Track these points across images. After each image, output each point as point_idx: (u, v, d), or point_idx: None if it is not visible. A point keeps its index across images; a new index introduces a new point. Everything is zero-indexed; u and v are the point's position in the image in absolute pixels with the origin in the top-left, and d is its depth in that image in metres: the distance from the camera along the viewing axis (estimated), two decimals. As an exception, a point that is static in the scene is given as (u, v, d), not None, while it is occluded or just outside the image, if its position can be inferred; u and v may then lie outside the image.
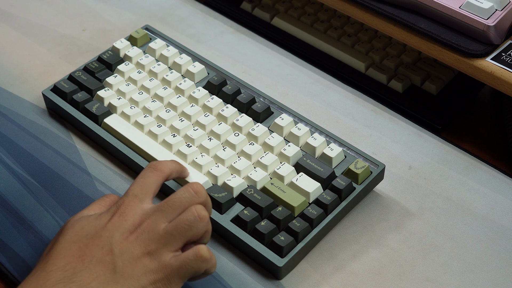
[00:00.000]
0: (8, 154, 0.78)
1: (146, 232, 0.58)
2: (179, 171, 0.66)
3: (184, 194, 0.60)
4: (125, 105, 0.79)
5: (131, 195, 0.61)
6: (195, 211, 0.59)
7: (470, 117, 0.84)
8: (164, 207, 0.60)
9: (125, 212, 0.59)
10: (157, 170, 0.63)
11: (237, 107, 0.79)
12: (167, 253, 0.58)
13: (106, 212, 0.60)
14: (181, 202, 0.60)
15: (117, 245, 0.58)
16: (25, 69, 0.88)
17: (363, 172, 0.71)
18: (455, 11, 0.74)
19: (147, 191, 0.61)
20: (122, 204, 0.60)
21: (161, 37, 0.88)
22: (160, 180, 0.63)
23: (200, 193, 0.61)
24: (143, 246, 0.58)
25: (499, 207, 0.72)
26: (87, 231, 0.59)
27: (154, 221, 0.59)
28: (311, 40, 0.91)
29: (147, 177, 0.62)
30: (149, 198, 0.61)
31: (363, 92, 0.85)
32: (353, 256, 0.68)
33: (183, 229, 0.59)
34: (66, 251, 0.58)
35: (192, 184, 0.61)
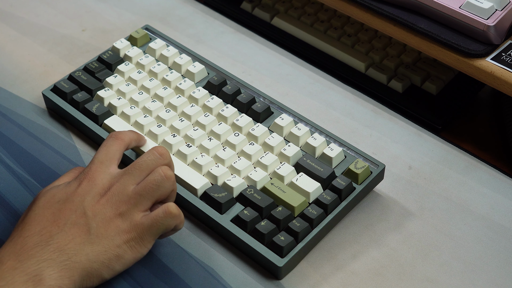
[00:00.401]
0: (8, 154, 0.78)
1: (116, 194, 0.62)
2: (137, 139, 0.70)
3: (149, 157, 0.64)
4: (125, 105, 0.79)
5: (97, 162, 0.64)
6: (161, 172, 0.63)
7: (470, 117, 0.84)
8: (132, 170, 0.63)
9: (93, 177, 0.63)
10: (118, 139, 0.67)
11: (237, 107, 0.79)
12: (138, 213, 0.62)
13: (75, 180, 0.64)
14: (147, 164, 0.64)
15: (90, 208, 0.61)
16: (25, 69, 0.88)
17: (363, 172, 0.71)
18: (455, 11, 0.74)
19: (112, 157, 0.65)
20: (89, 170, 0.64)
21: (161, 37, 0.88)
22: (122, 148, 0.67)
23: (165, 155, 0.65)
24: (115, 207, 0.61)
25: (499, 207, 0.72)
26: (59, 197, 0.62)
27: (123, 183, 0.63)
28: (311, 40, 0.91)
29: (109, 145, 0.66)
30: (114, 164, 0.65)
31: (363, 92, 0.85)
32: (353, 256, 0.68)
33: (151, 189, 0.62)
34: (40, 217, 0.61)
35: (157, 148, 0.65)
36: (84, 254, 0.59)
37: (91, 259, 0.59)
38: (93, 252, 0.60)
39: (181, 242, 0.69)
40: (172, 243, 0.69)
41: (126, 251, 0.61)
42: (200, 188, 0.70)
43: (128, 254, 0.61)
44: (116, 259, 0.61)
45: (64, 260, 0.58)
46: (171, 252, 0.68)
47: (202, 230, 0.70)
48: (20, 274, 0.57)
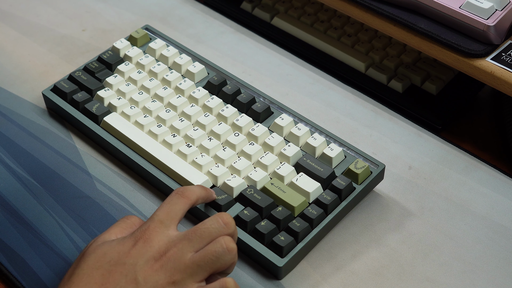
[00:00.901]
0: (8, 154, 0.78)
1: (172, 261, 0.57)
2: (205, 197, 0.65)
3: (213, 225, 0.59)
4: (125, 105, 0.79)
5: (156, 221, 0.59)
6: (223, 243, 0.58)
7: (470, 117, 0.84)
8: (192, 236, 0.58)
9: (150, 238, 0.58)
10: (184, 197, 0.62)
11: (237, 107, 0.79)
12: (192, 283, 0.57)
13: (130, 237, 0.59)
14: (210, 232, 0.59)
15: (141, 273, 0.57)
16: (25, 69, 0.88)
17: (363, 172, 0.71)
18: (455, 11, 0.74)
19: (173, 217, 0.60)
20: (147, 229, 0.59)
21: (161, 37, 0.88)
22: (186, 207, 0.62)
23: (229, 225, 0.60)
24: (168, 275, 0.57)
25: (499, 207, 0.72)
26: (110, 257, 0.58)
27: (181, 249, 0.58)
28: (311, 40, 0.91)
29: (173, 203, 0.61)
30: (175, 224, 0.60)
31: (363, 92, 0.85)
32: (353, 256, 0.68)
33: (210, 261, 0.58)
34: (89, 278, 0.57)
35: (222, 215, 0.60)
36: None
37: None
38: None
39: (181, 242, 0.69)
40: (172, 243, 0.69)
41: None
42: (200, 188, 0.70)
43: None
44: None
45: None
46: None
47: (202, 230, 0.70)
48: None
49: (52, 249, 0.69)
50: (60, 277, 0.66)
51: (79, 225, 0.71)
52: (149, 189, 0.74)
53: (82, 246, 0.69)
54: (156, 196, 0.74)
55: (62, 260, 0.68)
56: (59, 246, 0.69)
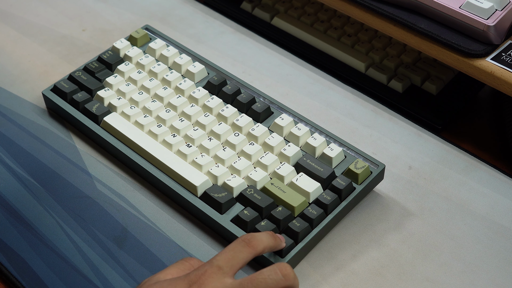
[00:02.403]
0: (8, 154, 0.78)
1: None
2: (273, 247, 0.62)
3: (271, 276, 0.56)
4: (125, 105, 0.79)
5: (215, 266, 0.56)
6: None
7: (470, 117, 0.84)
8: (248, 286, 0.55)
9: (204, 284, 0.55)
10: (250, 246, 0.58)
11: (237, 107, 0.79)
12: None
13: (184, 279, 0.56)
14: (267, 283, 0.56)
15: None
16: (25, 69, 0.88)
17: (363, 172, 0.71)
18: (455, 11, 0.74)
19: (234, 265, 0.57)
20: (203, 274, 0.56)
21: (161, 37, 0.88)
22: (250, 257, 0.58)
23: (288, 277, 0.56)
24: None
25: (499, 207, 0.72)
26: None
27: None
28: (311, 40, 0.91)
29: (237, 251, 0.58)
30: (233, 273, 0.57)
31: (363, 92, 0.85)
32: (353, 256, 0.68)
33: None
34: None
35: (281, 266, 0.57)
36: None
37: None
38: None
39: (181, 242, 0.69)
40: (172, 243, 0.69)
41: None
42: (200, 186, 0.70)
43: None
44: None
45: None
46: (171, 251, 0.68)
47: (202, 230, 0.70)
48: None
49: (52, 249, 0.69)
50: (60, 277, 0.66)
51: (79, 225, 0.71)
52: (149, 189, 0.74)
53: (82, 246, 0.69)
54: (156, 196, 0.74)
55: (62, 260, 0.68)
56: (59, 246, 0.69)
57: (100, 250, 0.68)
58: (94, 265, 0.67)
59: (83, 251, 0.68)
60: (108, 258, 0.68)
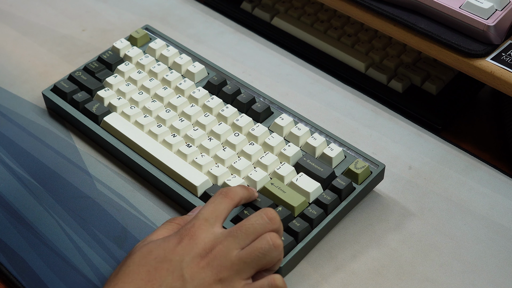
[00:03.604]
0: (8, 154, 0.78)
1: (218, 258, 0.57)
2: (247, 197, 0.66)
3: (258, 220, 0.59)
4: (125, 105, 0.79)
5: (201, 219, 0.60)
6: (269, 239, 0.58)
7: (470, 117, 0.84)
8: (237, 233, 0.59)
9: (195, 235, 0.58)
10: (228, 197, 0.62)
11: (237, 107, 0.79)
12: (239, 281, 0.57)
13: (175, 235, 0.59)
14: (255, 228, 0.59)
15: (188, 270, 0.57)
16: (25, 69, 0.88)
17: (363, 172, 0.71)
18: (455, 11, 0.74)
19: (218, 216, 0.60)
20: (192, 227, 0.59)
21: (161, 37, 0.88)
22: (230, 207, 0.62)
23: (274, 220, 0.60)
24: (215, 272, 0.57)
25: (499, 207, 0.72)
26: (156, 254, 0.58)
27: (227, 246, 0.58)
28: (311, 40, 0.91)
29: (218, 203, 0.61)
30: (220, 223, 0.60)
31: (363, 92, 0.85)
32: (353, 256, 0.68)
33: (257, 257, 0.58)
34: (135, 275, 0.57)
35: (267, 210, 0.60)
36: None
37: None
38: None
39: (181, 242, 0.69)
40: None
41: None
42: (200, 186, 0.70)
43: None
44: None
45: None
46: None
47: (202, 230, 0.70)
48: None
49: (52, 249, 0.69)
50: (60, 277, 0.66)
51: (79, 225, 0.71)
52: (149, 189, 0.74)
53: (82, 246, 0.69)
54: (156, 196, 0.74)
55: (62, 260, 0.68)
56: (59, 246, 0.69)
57: (100, 250, 0.68)
58: (94, 265, 0.67)
59: (83, 251, 0.68)
60: (108, 258, 0.68)
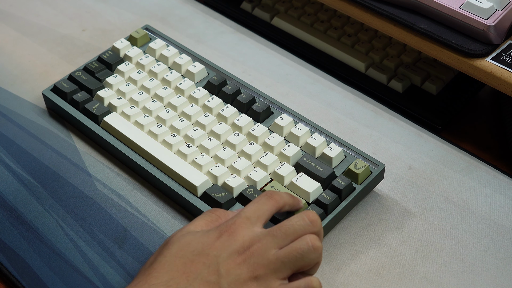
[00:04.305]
0: (8, 154, 0.78)
1: (256, 256, 0.57)
2: (292, 205, 0.65)
3: (298, 222, 0.59)
4: (125, 105, 0.79)
5: (243, 217, 0.59)
6: (309, 241, 0.58)
7: (470, 117, 0.84)
8: (277, 233, 0.58)
9: (235, 232, 0.58)
10: (272, 199, 0.62)
11: (237, 107, 0.79)
12: (275, 280, 0.57)
13: (215, 230, 0.59)
14: (295, 229, 0.58)
15: (224, 266, 0.56)
16: (25, 69, 0.88)
17: (363, 172, 0.71)
18: (455, 11, 0.74)
19: (260, 216, 0.60)
20: (233, 224, 0.59)
21: (161, 37, 0.88)
22: (273, 210, 0.61)
23: (315, 223, 0.59)
24: (251, 270, 0.56)
25: (499, 207, 0.72)
26: (194, 247, 0.58)
27: (265, 245, 0.57)
28: (311, 40, 0.91)
29: (262, 203, 0.61)
30: (261, 223, 0.60)
31: (363, 92, 0.85)
32: (353, 256, 0.68)
33: (294, 258, 0.57)
34: (170, 266, 0.57)
35: (308, 213, 0.60)
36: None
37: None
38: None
39: (181, 242, 0.69)
40: (172, 243, 0.69)
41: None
42: (200, 186, 0.70)
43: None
44: None
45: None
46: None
47: (202, 230, 0.70)
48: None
49: (52, 249, 0.69)
50: (60, 277, 0.66)
51: (79, 225, 0.71)
52: (149, 189, 0.74)
53: (82, 246, 0.69)
54: (156, 196, 0.74)
55: (62, 260, 0.68)
56: (59, 246, 0.69)
57: (100, 250, 0.68)
58: (94, 265, 0.67)
59: (83, 251, 0.68)
60: (108, 258, 0.68)
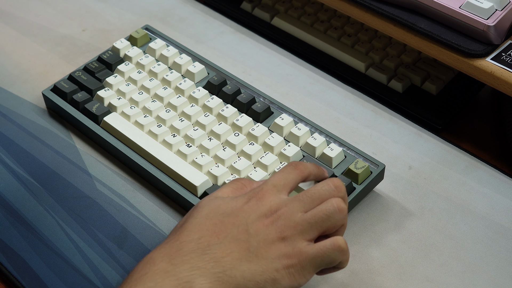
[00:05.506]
0: (8, 154, 0.78)
1: (283, 218, 0.59)
2: (317, 174, 0.66)
3: (324, 187, 0.61)
4: (125, 105, 0.79)
5: (270, 185, 0.61)
6: (334, 203, 0.59)
7: (470, 117, 0.84)
8: (303, 197, 0.60)
9: (263, 198, 0.60)
10: (298, 169, 0.63)
11: (237, 107, 0.79)
12: (302, 240, 0.58)
13: (243, 196, 0.61)
14: (320, 194, 0.60)
15: (253, 226, 0.58)
16: (25, 69, 0.88)
17: (363, 172, 0.71)
18: (455, 11, 0.74)
19: (286, 184, 0.62)
20: (260, 190, 0.61)
21: (161, 37, 0.88)
22: (299, 179, 0.63)
23: (340, 188, 0.61)
24: (279, 231, 0.58)
25: (499, 207, 0.72)
26: (223, 210, 0.60)
27: (292, 208, 0.59)
28: (311, 40, 0.91)
29: (287, 173, 0.63)
30: (287, 191, 0.61)
31: (363, 92, 0.85)
32: (353, 256, 0.68)
33: (321, 219, 0.59)
34: (201, 226, 0.59)
35: (333, 179, 0.62)
36: (240, 271, 0.56)
37: (246, 277, 0.56)
38: (250, 270, 0.56)
39: (181, 242, 0.69)
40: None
41: (283, 277, 0.57)
42: (200, 186, 0.70)
43: (285, 281, 0.57)
44: (272, 283, 0.57)
45: (218, 272, 0.56)
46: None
47: (202, 230, 0.70)
48: (171, 278, 0.55)
49: (52, 249, 0.69)
50: (60, 277, 0.66)
51: (79, 225, 0.71)
52: (149, 189, 0.74)
53: (82, 246, 0.69)
54: (156, 196, 0.74)
55: (62, 260, 0.68)
56: (59, 246, 0.69)
57: (100, 250, 0.68)
58: (94, 265, 0.67)
59: (83, 251, 0.68)
60: (108, 258, 0.68)
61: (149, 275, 0.56)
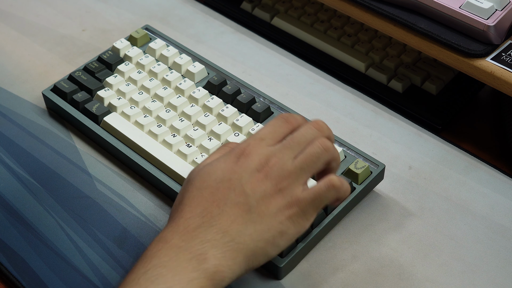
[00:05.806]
0: (8, 154, 0.78)
1: (275, 169, 0.59)
2: None
3: (307, 131, 0.61)
4: (125, 105, 0.79)
5: (257, 138, 0.61)
6: (319, 144, 0.60)
7: (470, 117, 0.84)
8: (290, 143, 0.60)
9: (250, 153, 0.60)
10: (289, 123, 0.63)
11: (237, 107, 0.79)
12: (298, 187, 0.59)
13: (230, 154, 0.61)
14: (306, 137, 0.61)
15: (248, 185, 0.58)
16: (25, 69, 0.88)
17: (363, 172, 0.71)
18: (455, 11, 0.74)
19: (274, 137, 0.62)
20: (247, 146, 0.61)
21: (161, 37, 0.88)
22: (288, 133, 0.63)
23: (323, 128, 0.62)
24: (274, 183, 0.59)
25: (499, 207, 0.72)
26: (215, 176, 0.60)
27: (281, 158, 0.60)
28: (311, 40, 0.91)
29: (277, 126, 0.63)
30: (275, 143, 0.61)
31: (363, 92, 0.85)
32: (353, 256, 0.68)
33: (311, 162, 0.60)
34: (199, 198, 0.59)
35: (313, 121, 0.62)
36: (247, 235, 0.57)
37: (255, 238, 0.58)
38: (256, 231, 0.58)
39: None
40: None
41: (289, 227, 0.59)
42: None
43: (291, 229, 0.59)
44: (280, 236, 0.58)
45: (228, 242, 0.57)
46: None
47: (202, 230, 0.70)
48: (184, 252, 0.56)
49: (52, 249, 0.69)
50: (60, 277, 0.66)
51: (79, 225, 0.71)
52: (149, 189, 0.74)
53: (82, 246, 0.69)
54: (156, 196, 0.74)
55: (62, 260, 0.68)
56: (59, 246, 0.69)
57: (100, 250, 0.69)
58: (94, 265, 0.67)
59: (83, 251, 0.68)
60: (108, 258, 0.68)
61: (163, 251, 0.57)
